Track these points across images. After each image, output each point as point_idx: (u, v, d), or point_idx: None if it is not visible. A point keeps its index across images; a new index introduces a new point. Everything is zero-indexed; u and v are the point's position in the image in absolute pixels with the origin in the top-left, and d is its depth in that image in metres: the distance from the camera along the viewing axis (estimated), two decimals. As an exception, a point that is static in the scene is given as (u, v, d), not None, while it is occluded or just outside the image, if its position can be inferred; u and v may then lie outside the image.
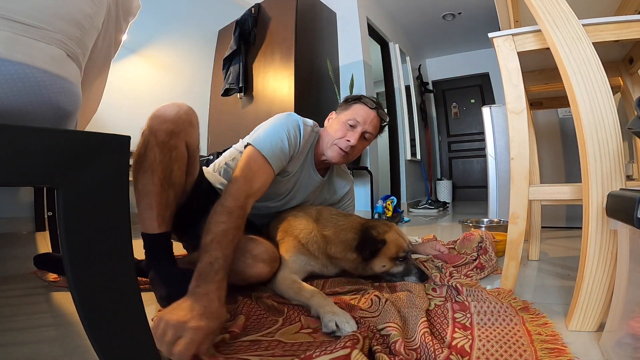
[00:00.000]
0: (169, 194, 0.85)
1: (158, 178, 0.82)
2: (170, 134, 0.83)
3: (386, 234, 1.00)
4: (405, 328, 0.67)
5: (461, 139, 5.21)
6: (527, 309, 0.78)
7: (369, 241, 0.97)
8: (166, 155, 0.83)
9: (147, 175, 0.82)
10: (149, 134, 0.82)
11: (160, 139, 0.82)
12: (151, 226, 0.82)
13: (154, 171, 0.82)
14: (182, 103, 0.87)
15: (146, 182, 0.82)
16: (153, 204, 0.82)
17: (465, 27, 4.29)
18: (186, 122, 0.86)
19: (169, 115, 0.83)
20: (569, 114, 2.13)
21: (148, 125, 0.83)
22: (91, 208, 0.39)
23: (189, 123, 0.87)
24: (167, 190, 0.85)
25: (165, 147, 0.83)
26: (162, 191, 0.83)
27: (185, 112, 0.86)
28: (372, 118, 1.13)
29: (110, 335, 0.40)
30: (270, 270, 0.92)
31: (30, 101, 0.46)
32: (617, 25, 0.82)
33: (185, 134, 0.86)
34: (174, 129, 0.83)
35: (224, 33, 3.22)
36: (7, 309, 0.86)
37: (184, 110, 0.86)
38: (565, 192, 0.86)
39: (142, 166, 0.82)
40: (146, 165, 0.82)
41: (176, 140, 0.84)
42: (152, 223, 0.82)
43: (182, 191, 0.92)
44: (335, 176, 1.31)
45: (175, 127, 0.83)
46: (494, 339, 0.62)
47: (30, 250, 1.61)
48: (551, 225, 2.20)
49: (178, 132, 0.84)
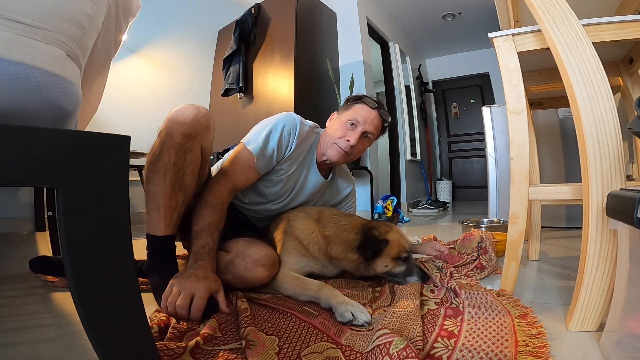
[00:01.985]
0: (178, 197, 0.85)
1: (170, 180, 0.82)
2: (187, 137, 0.82)
3: (388, 233, 1.00)
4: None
5: (461, 139, 5.21)
6: (526, 316, 0.75)
7: (371, 241, 0.97)
8: (180, 158, 0.83)
9: (159, 176, 0.81)
10: (166, 135, 0.82)
11: (177, 140, 0.81)
12: (157, 228, 0.82)
13: (167, 172, 0.81)
14: (201, 106, 0.87)
15: (157, 183, 0.82)
16: (161, 206, 0.82)
17: (465, 27, 4.29)
18: (203, 125, 0.85)
19: (187, 117, 0.82)
20: (569, 114, 2.13)
21: (165, 126, 0.83)
22: (91, 208, 0.39)
23: (206, 127, 0.87)
24: (177, 193, 0.84)
25: (181, 149, 0.82)
26: (172, 193, 0.83)
27: (203, 116, 0.85)
28: (373, 118, 1.12)
29: (110, 335, 0.40)
30: (269, 274, 0.92)
31: (30, 101, 0.46)
32: (617, 25, 0.82)
33: (201, 137, 0.86)
34: (191, 132, 0.83)
35: (224, 33, 3.22)
36: (7, 309, 0.86)
37: (202, 114, 0.85)
38: (565, 192, 0.86)
39: (155, 166, 0.82)
40: (160, 165, 0.81)
41: (192, 144, 0.84)
42: (158, 225, 0.82)
43: (192, 196, 0.92)
44: (337, 177, 1.31)
45: (192, 130, 0.83)
46: (474, 350, 0.61)
47: (30, 250, 1.61)
48: (551, 225, 2.20)
49: (195, 136, 0.84)
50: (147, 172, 0.83)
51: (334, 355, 0.61)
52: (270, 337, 0.66)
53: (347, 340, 0.66)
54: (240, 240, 0.96)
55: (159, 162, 0.81)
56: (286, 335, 0.68)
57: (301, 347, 0.63)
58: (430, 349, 0.62)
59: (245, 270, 0.89)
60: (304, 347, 0.63)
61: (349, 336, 0.68)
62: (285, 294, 0.91)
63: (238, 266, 0.89)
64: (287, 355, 0.60)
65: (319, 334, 0.68)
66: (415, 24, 4.25)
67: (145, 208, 0.84)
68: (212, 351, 0.61)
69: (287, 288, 0.91)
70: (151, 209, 0.82)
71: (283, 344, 0.64)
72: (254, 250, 0.91)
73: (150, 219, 0.83)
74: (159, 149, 0.82)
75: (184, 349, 0.58)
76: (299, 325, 0.72)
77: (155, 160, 0.82)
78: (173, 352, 0.57)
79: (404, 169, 3.83)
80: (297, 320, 0.75)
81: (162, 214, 0.82)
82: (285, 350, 0.62)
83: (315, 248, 1.02)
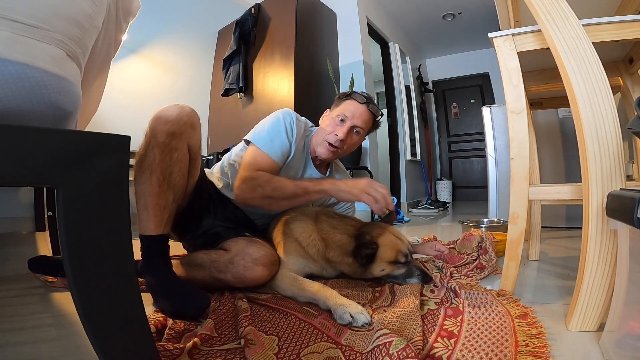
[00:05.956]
0: (167, 196, 0.85)
1: (156, 179, 0.82)
2: (172, 135, 0.82)
3: (380, 237, 0.97)
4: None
5: (461, 139, 5.21)
6: (526, 316, 0.75)
7: (362, 246, 0.95)
8: (166, 157, 0.83)
9: (146, 176, 0.81)
10: (151, 134, 0.82)
11: (161, 140, 0.81)
12: (147, 228, 0.82)
13: (153, 172, 0.81)
14: (185, 105, 0.87)
15: (144, 182, 0.81)
16: (149, 205, 0.81)
17: (465, 27, 4.28)
18: (188, 123, 0.85)
19: (170, 116, 0.83)
20: (569, 114, 2.13)
21: (149, 126, 0.83)
22: (91, 208, 0.39)
23: (191, 125, 0.87)
24: (166, 192, 0.84)
25: (166, 148, 0.82)
26: (160, 192, 0.83)
27: (187, 114, 0.85)
28: (362, 112, 1.13)
29: (110, 335, 0.40)
30: (269, 274, 0.92)
31: (30, 101, 0.46)
32: (617, 25, 0.82)
33: (187, 135, 0.86)
34: (175, 131, 0.83)
35: (224, 33, 3.22)
36: (7, 309, 0.86)
37: (186, 112, 0.85)
38: (565, 192, 0.86)
39: (141, 166, 0.82)
40: (145, 165, 0.81)
41: (177, 142, 0.84)
42: (148, 225, 0.82)
43: (182, 194, 0.92)
44: (335, 173, 1.31)
45: (176, 128, 0.83)
46: (474, 350, 0.61)
47: (30, 250, 1.61)
48: (551, 225, 2.20)
49: (179, 134, 0.84)
50: (135, 173, 0.83)
51: (333, 355, 0.61)
52: (269, 337, 0.66)
53: (347, 340, 0.66)
54: (240, 239, 0.96)
55: (144, 161, 0.82)
56: (286, 335, 0.68)
57: (301, 347, 0.63)
58: (430, 349, 0.62)
59: (245, 269, 0.88)
60: (304, 347, 0.63)
61: (349, 336, 0.68)
62: (284, 294, 0.91)
63: (238, 265, 0.89)
64: (287, 355, 0.60)
65: (319, 334, 0.68)
66: (415, 24, 4.25)
67: (136, 209, 0.84)
68: (209, 351, 0.61)
69: (286, 289, 0.90)
70: (140, 209, 0.82)
71: (282, 343, 0.64)
72: (254, 249, 0.91)
73: (140, 219, 0.82)
74: (144, 149, 0.82)
75: (182, 350, 0.58)
76: (298, 325, 0.72)
77: (141, 160, 0.82)
78: (171, 353, 0.57)
79: (404, 169, 3.83)
80: (297, 320, 0.75)
81: (151, 213, 0.81)
82: (285, 350, 0.62)
83: (314, 250, 1.01)
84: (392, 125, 3.80)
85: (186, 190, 0.94)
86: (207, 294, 0.79)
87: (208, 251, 0.95)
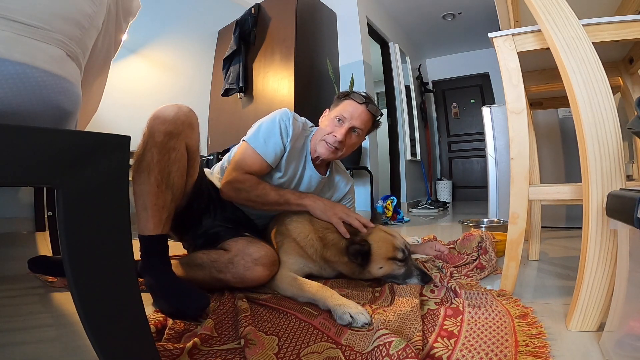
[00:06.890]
0: (166, 196, 0.85)
1: (154, 178, 0.82)
2: (169, 135, 0.82)
3: (370, 235, 0.98)
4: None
5: (461, 139, 5.21)
6: (526, 316, 0.75)
7: (355, 245, 0.95)
8: (164, 156, 0.83)
9: (144, 176, 0.81)
10: (148, 134, 0.82)
11: (159, 139, 0.81)
12: (146, 228, 0.82)
13: (151, 171, 0.81)
14: (182, 104, 0.87)
15: (142, 182, 0.81)
16: (148, 205, 0.81)
17: (465, 27, 4.28)
18: (185, 123, 0.86)
19: (167, 116, 0.83)
20: (569, 114, 2.13)
21: (147, 126, 0.83)
22: (91, 208, 0.39)
23: (189, 125, 0.87)
24: (165, 192, 0.84)
25: (164, 148, 0.82)
26: (158, 192, 0.83)
27: (184, 114, 0.86)
28: (360, 113, 1.13)
29: (110, 335, 0.40)
30: (269, 274, 0.92)
31: (30, 101, 0.46)
32: (617, 25, 0.82)
33: (184, 135, 0.86)
34: (173, 130, 0.83)
35: (224, 33, 3.22)
36: (7, 309, 0.86)
37: (183, 112, 0.85)
38: (565, 192, 0.86)
39: (139, 166, 0.82)
40: (143, 165, 0.81)
41: (175, 142, 0.84)
42: (147, 224, 0.82)
43: (181, 194, 0.92)
44: (335, 173, 1.31)
45: (174, 128, 0.83)
46: (474, 350, 0.61)
47: (30, 250, 1.61)
48: (551, 225, 2.20)
49: (177, 134, 0.84)
50: (133, 173, 0.83)
51: (333, 355, 0.61)
52: (269, 337, 0.66)
53: (347, 340, 0.66)
54: (240, 239, 0.96)
55: (142, 161, 0.82)
56: (286, 335, 0.68)
57: (301, 347, 0.63)
58: (430, 349, 0.62)
59: (245, 269, 0.89)
60: (304, 347, 0.63)
61: (349, 336, 0.68)
62: (284, 294, 0.91)
63: (238, 265, 0.89)
64: (287, 355, 0.60)
65: (319, 334, 0.68)
66: (415, 24, 4.25)
67: (135, 209, 0.84)
68: (209, 351, 0.61)
69: (286, 289, 0.90)
70: (139, 209, 0.82)
71: (282, 343, 0.64)
72: (254, 249, 0.91)
73: (139, 219, 0.82)
74: (142, 149, 0.82)
75: (182, 350, 0.58)
76: (298, 326, 0.72)
77: (139, 160, 0.82)
78: (171, 353, 0.57)
79: (404, 169, 3.82)
80: (297, 320, 0.75)
81: (149, 213, 0.81)
82: (285, 350, 0.62)
83: (312, 251, 1.02)
84: (392, 125, 3.80)
85: (185, 190, 0.94)
86: (207, 294, 0.79)
87: (208, 251, 0.95)
